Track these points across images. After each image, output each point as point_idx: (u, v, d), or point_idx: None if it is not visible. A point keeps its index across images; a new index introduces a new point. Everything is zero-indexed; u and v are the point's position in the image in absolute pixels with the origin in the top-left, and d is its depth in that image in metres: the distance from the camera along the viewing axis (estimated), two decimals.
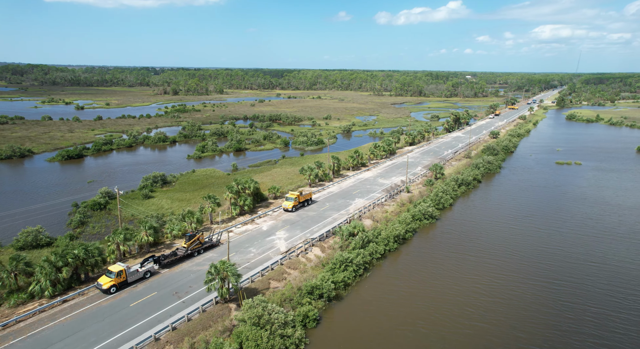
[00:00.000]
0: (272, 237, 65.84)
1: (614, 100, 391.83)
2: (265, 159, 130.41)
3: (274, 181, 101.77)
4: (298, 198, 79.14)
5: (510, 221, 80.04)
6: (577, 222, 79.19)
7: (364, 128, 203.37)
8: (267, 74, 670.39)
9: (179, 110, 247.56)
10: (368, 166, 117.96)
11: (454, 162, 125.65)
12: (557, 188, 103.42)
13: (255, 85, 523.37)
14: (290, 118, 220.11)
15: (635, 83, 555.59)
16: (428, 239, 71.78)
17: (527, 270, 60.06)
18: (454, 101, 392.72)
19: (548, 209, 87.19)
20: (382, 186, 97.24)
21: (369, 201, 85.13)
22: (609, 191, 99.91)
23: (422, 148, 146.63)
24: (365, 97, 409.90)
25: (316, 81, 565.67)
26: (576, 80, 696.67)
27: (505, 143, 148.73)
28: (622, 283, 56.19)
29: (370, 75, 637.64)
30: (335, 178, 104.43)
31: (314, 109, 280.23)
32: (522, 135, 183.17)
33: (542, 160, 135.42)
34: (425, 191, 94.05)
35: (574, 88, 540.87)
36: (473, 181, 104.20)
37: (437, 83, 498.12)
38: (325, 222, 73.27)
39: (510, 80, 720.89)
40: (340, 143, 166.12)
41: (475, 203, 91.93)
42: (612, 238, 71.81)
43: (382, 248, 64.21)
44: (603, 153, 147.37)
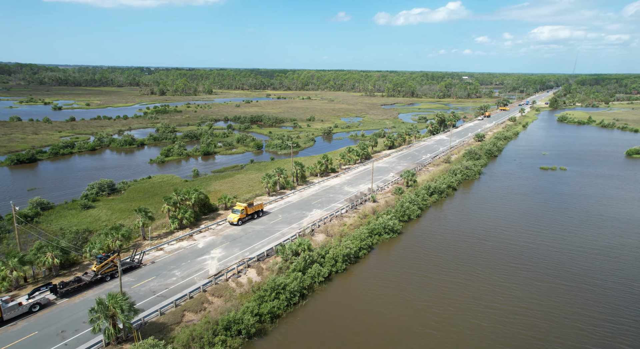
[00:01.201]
0: (204, 256, 58.51)
1: (608, 102, 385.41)
2: (234, 163, 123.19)
3: (233, 188, 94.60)
4: (245, 210, 71.83)
5: (481, 234, 72.85)
6: (554, 236, 72.01)
7: (346, 130, 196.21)
8: (264, 75, 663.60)
9: (159, 111, 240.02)
10: (338, 172, 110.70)
11: (432, 167, 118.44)
12: (538, 196, 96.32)
13: (247, 85, 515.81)
14: (271, 119, 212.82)
15: (630, 85, 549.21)
16: (384, 257, 64.53)
17: (489, 294, 52.83)
18: (446, 102, 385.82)
19: (525, 220, 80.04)
20: (347, 194, 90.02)
21: (328, 213, 77.86)
22: (591, 200, 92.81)
23: (401, 152, 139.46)
24: (356, 98, 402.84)
25: (309, 81, 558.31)
26: (572, 81, 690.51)
27: (489, 147, 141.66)
28: (593, 306, 49.01)
29: (364, 75, 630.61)
30: (299, 186, 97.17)
31: (300, 110, 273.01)
32: (509, 138, 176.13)
33: (526, 165, 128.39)
34: (392, 201, 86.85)
35: (569, 89, 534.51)
36: (447, 189, 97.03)
37: (431, 84, 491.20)
38: (272, 238, 65.99)
39: (507, 81, 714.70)
40: (319, 146, 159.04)
41: (446, 213, 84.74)
42: (587, 254, 64.64)
43: (326, 270, 56.91)
44: (590, 157, 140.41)
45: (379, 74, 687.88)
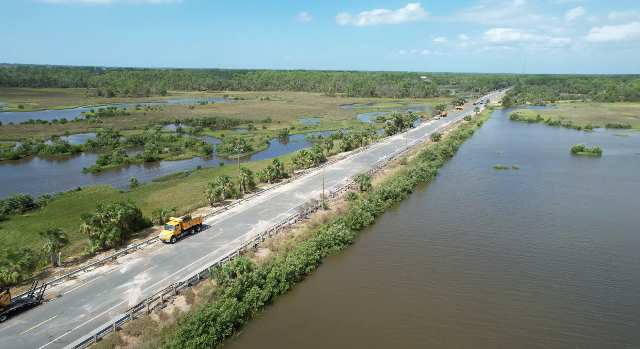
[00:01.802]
0: (126, 284, 50.83)
1: (554, 100, 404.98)
2: (179, 170, 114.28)
3: (174, 199, 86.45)
4: (180, 225, 64.46)
5: (436, 240, 69.56)
6: (506, 238, 69.92)
7: (303, 131, 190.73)
8: (223, 75, 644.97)
9: (104, 114, 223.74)
10: (290, 177, 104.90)
11: (387, 169, 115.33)
12: (491, 197, 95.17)
13: (204, 86, 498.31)
14: (225, 121, 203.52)
15: (573, 84, 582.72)
16: (333, 272, 59.46)
17: (442, 308, 48.96)
18: (405, 101, 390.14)
19: (479, 222, 77.82)
20: (298, 202, 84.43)
21: (275, 224, 71.91)
22: (541, 199, 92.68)
23: (357, 153, 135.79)
24: (316, 98, 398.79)
25: (268, 82, 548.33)
26: (522, 81, 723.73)
27: (445, 147, 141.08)
28: (546, 314, 46.30)
29: (325, 75, 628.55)
30: (247, 194, 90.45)
31: (257, 111, 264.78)
32: (464, 137, 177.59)
33: (481, 165, 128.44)
34: (345, 208, 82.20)
35: (520, 88, 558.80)
36: (402, 193, 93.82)
37: (390, 84, 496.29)
38: (209, 257, 59.18)
39: (463, 80, 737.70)
40: (274, 149, 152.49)
41: (401, 219, 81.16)
42: (539, 256, 62.71)
43: (267, 292, 51.01)
44: (540, 155, 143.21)
45: (340, 74, 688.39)
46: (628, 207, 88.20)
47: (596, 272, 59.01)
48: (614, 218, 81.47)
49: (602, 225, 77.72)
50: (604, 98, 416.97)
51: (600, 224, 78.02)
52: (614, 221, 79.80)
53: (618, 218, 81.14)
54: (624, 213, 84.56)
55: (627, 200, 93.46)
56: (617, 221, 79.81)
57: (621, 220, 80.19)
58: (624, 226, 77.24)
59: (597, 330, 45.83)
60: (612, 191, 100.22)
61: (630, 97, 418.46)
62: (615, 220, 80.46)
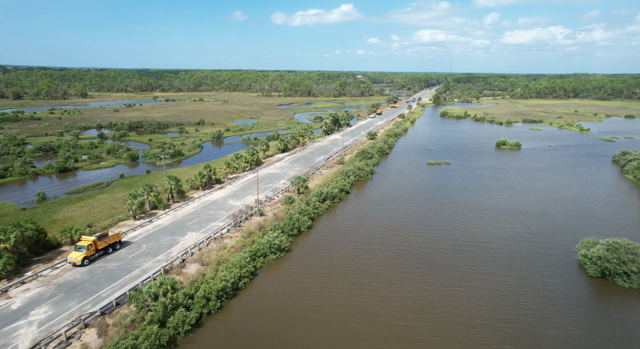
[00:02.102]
0: (18, 323, 43.10)
1: (478, 98, 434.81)
2: (99, 181, 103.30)
3: (90, 214, 77.26)
4: (94, 245, 56.99)
5: (374, 241, 68.70)
6: (442, 234, 71.06)
7: (239, 133, 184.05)
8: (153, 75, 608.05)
9: (6, 119, 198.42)
10: (224, 182, 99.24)
11: (325, 169, 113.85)
12: (426, 193, 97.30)
13: (131, 87, 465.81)
14: (154, 125, 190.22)
15: (493, 83, 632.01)
16: (269, 283, 55.89)
17: (382, 312, 47.56)
18: (342, 101, 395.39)
19: (416, 220, 78.59)
20: (232, 209, 79.50)
21: (206, 235, 66.60)
22: (472, 193, 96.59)
23: (295, 155, 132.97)
24: (253, 99, 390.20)
25: (202, 82, 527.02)
26: (450, 79, 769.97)
27: (381, 145, 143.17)
28: (481, 308, 46.83)
29: (261, 75, 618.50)
30: (175, 203, 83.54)
31: (190, 113, 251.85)
32: (399, 135, 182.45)
33: (415, 161, 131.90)
34: (282, 212, 78.84)
35: (448, 86, 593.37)
36: (340, 194, 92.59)
37: (327, 83, 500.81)
38: (129, 278, 52.71)
39: (396, 79, 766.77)
40: (207, 152, 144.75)
41: (340, 221, 79.62)
42: (472, 251, 64.34)
43: (195, 314, 46.18)
44: (469, 150, 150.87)
45: (277, 74, 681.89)
46: (545, 196, 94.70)
47: (523, 261, 61.58)
48: (535, 207, 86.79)
49: (525, 215, 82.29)
50: (520, 95, 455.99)
51: (523, 214, 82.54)
52: (535, 211, 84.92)
53: (538, 208, 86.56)
54: (541, 202, 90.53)
55: (544, 189, 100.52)
56: (538, 210, 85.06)
57: (540, 210, 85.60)
58: (542, 215, 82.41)
59: (525, 319, 47.16)
60: (532, 182, 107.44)
61: (540, 94, 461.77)
62: (536, 209, 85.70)
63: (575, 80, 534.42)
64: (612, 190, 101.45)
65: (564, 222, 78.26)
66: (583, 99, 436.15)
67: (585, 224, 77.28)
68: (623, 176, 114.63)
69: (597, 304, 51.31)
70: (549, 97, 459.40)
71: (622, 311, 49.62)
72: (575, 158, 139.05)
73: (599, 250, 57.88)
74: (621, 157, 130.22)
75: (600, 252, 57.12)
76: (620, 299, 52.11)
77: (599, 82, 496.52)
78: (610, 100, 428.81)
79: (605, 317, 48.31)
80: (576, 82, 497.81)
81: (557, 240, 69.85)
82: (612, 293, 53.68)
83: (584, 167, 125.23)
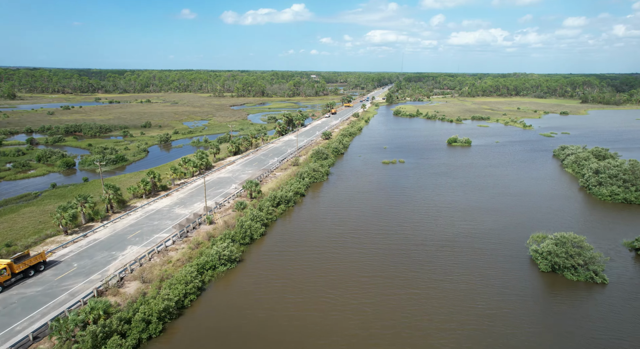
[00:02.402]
0: None
1: (429, 96, 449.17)
2: (25, 192, 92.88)
3: (12, 231, 68.55)
4: (10, 268, 49.74)
5: (331, 246, 66.20)
6: (399, 234, 70.02)
7: (189, 135, 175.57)
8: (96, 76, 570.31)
9: None
10: (170, 189, 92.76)
11: (279, 172, 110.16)
12: (382, 193, 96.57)
13: (70, 88, 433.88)
14: (94, 129, 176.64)
15: (442, 81, 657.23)
16: (219, 299, 51.59)
17: (340, 324, 44.97)
18: (296, 100, 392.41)
19: (372, 221, 77.13)
20: (178, 218, 73.85)
21: (148, 249, 60.83)
22: (427, 191, 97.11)
23: (248, 157, 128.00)
24: (204, 99, 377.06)
25: (149, 82, 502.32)
26: (402, 79, 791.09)
27: (336, 145, 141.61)
28: (438, 313, 45.66)
29: (213, 75, 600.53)
30: (115, 214, 76.37)
31: (135, 116, 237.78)
32: (354, 134, 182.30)
33: (370, 160, 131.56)
34: (233, 220, 74.36)
35: (400, 85, 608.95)
36: (295, 197, 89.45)
37: (281, 83, 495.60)
38: (53, 305, 46.29)
39: (349, 78, 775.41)
40: (154, 157, 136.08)
41: (295, 226, 76.45)
42: (428, 251, 63.72)
43: (132, 341, 41.11)
44: (422, 148, 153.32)
45: (229, 74, 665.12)
46: (496, 192, 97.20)
47: (479, 259, 61.70)
48: (487, 203, 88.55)
49: (479, 211, 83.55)
50: (467, 93, 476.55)
51: (477, 211, 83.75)
52: (487, 206, 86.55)
53: (490, 204, 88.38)
54: (493, 198, 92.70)
55: (495, 185, 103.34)
56: (490, 206, 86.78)
57: (492, 205, 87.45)
58: (494, 210, 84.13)
59: (484, 320, 46.58)
60: (483, 178, 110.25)
61: (486, 92, 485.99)
62: (488, 205, 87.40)
63: (516, 79, 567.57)
64: (555, 183, 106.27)
65: (515, 217, 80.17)
66: (524, 97, 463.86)
67: (534, 218, 79.58)
68: (563, 170, 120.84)
69: (549, 299, 51.97)
70: (493, 94, 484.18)
71: (571, 305, 50.52)
72: (521, 153, 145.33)
73: (548, 245, 59.04)
74: (560, 151, 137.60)
75: (549, 247, 58.25)
76: (570, 292, 53.19)
77: (536, 82, 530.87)
78: (546, 98, 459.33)
79: (557, 312, 48.88)
80: (517, 81, 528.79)
81: (510, 235, 71.10)
82: (562, 286, 54.76)
83: (529, 162, 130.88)
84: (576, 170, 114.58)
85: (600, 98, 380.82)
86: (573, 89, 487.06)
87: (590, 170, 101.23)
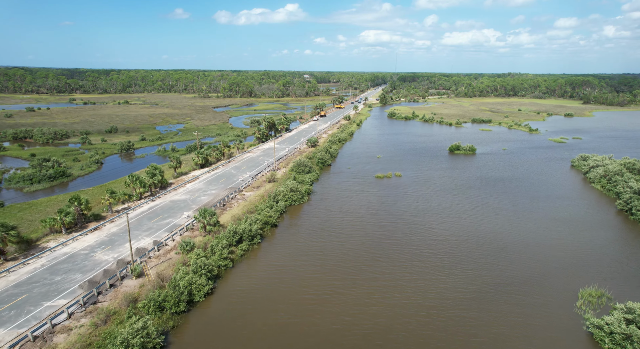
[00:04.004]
0: None
1: (424, 96, 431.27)
2: None
3: None
4: None
5: (301, 311, 46.59)
6: (398, 288, 50.63)
7: (157, 142, 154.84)
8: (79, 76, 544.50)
9: None
10: (106, 217, 72.48)
11: (250, 191, 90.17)
12: (375, 219, 77.20)
13: (45, 88, 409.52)
14: (47, 135, 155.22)
15: (437, 81, 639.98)
16: None
17: None
18: (286, 101, 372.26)
19: (361, 264, 57.64)
20: (94, 270, 53.69)
21: (22, 332, 40.65)
22: (431, 218, 77.76)
23: (216, 170, 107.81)
24: (187, 100, 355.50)
25: (132, 82, 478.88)
26: (395, 78, 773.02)
27: (322, 155, 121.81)
28: None
29: (199, 74, 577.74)
30: (9, 262, 55.96)
31: (106, 119, 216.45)
32: (344, 140, 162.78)
33: (362, 174, 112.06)
34: (173, 268, 54.45)
35: (394, 85, 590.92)
36: (265, 228, 69.78)
37: (270, 83, 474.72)
38: None
39: (343, 78, 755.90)
40: (109, 170, 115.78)
41: (257, 274, 56.66)
42: (446, 317, 44.43)
43: None
44: (421, 157, 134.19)
45: (219, 73, 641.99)
46: (516, 218, 78.16)
47: (511, 333, 42.42)
48: (508, 234, 69.35)
49: (501, 248, 64.36)
50: (464, 94, 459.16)
51: (499, 247, 64.56)
52: (509, 240, 67.36)
53: (512, 234, 69.23)
54: (515, 227, 73.60)
55: (512, 207, 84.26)
56: (512, 238, 67.62)
57: (516, 237, 68.32)
58: (518, 244, 64.98)
59: None
60: (497, 196, 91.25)
61: (483, 92, 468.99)
62: (509, 237, 68.22)
63: (513, 79, 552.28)
64: (584, 204, 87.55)
65: (548, 254, 61.10)
66: (522, 98, 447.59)
67: (573, 256, 60.61)
68: (588, 185, 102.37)
69: None
70: (491, 95, 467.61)
71: None
72: (535, 164, 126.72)
73: (619, 322, 39.96)
74: (581, 162, 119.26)
75: (622, 327, 39.12)
76: None
77: (534, 82, 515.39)
78: (545, 98, 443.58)
79: None
80: (514, 81, 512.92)
81: (550, 286, 51.96)
82: None
83: (546, 175, 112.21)
84: (607, 186, 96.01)
85: (603, 99, 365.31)
86: (573, 89, 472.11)
87: (629, 189, 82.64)
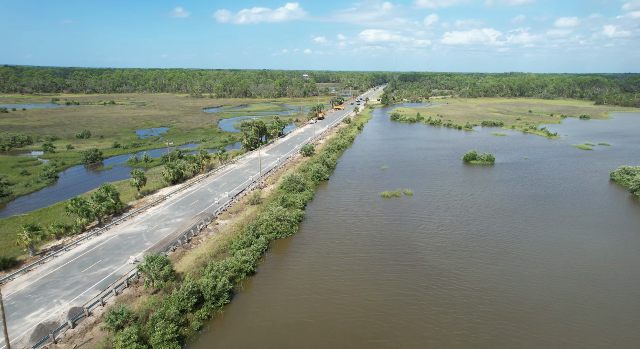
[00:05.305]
0: None
1: (428, 97, 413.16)
2: None
3: None
4: None
5: None
6: None
7: (132, 150, 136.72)
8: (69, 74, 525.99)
9: None
10: (23, 264, 54.37)
11: (225, 219, 71.98)
12: (381, 260, 59.35)
13: (30, 87, 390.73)
14: (4, 140, 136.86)
15: (440, 81, 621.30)
16: None
17: None
18: (282, 102, 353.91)
19: (361, 335, 39.84)
20: None
21: None
22: (454, 259, 59.82)
23: (190, 188, 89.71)
24: (178, 100, 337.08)
25: (123, 82, 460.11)
26: (396, 78, 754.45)
27: (318, 167, 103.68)
28: None
29: (196, 74, 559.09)
30: None
31: (84, 121, 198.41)
32: (343, 147, 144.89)
33: (364, 190, 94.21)
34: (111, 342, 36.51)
35: (395, 85, 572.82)
36: (237, 280, 51.90)
37: (267, 82, 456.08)
38: None
39: (342, 78, 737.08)
40: (66, 185, 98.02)
41: None
42: None
43: None
44: (432, 168, 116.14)
45: (215, 72, 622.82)
46: (569, 262, 60.34)
47: None
48: (564, 294, 51.53)
49: (558, 312, 46.59)
50: (468, 94, 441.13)
51: (554, 311, 46.79)
52: (569, 308, 49.55)
53: (571, 295, 51.44)
54: (568, 275, 55.83)
55: (558, 242, 66.43)
56: (575, 304, 49.84)
57: (572, 290, 50.56)
58: (580, 302, 47.20)
59: None
60: (534, 225, 73.37)
61: (488, 92, 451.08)
62: (569, 302, 50.42)
63: (519, 78, 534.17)
64: None
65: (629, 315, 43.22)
66: (529, 98, 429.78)
67: None
68: (639, 205, 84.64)
69: None
70: (496, 95, 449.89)
71: None
72: (567, 178, 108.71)
73: None
74: (624, 176, 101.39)
75: None
76: None
77: (541, 81, 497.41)
78: (554, 98, 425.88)
79: None
80: (520, 81, 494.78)
81: None
82: None
83: (585, 193, 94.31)
84: None
85: (617, 100, 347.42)
86: (582, 89, 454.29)
87: None
